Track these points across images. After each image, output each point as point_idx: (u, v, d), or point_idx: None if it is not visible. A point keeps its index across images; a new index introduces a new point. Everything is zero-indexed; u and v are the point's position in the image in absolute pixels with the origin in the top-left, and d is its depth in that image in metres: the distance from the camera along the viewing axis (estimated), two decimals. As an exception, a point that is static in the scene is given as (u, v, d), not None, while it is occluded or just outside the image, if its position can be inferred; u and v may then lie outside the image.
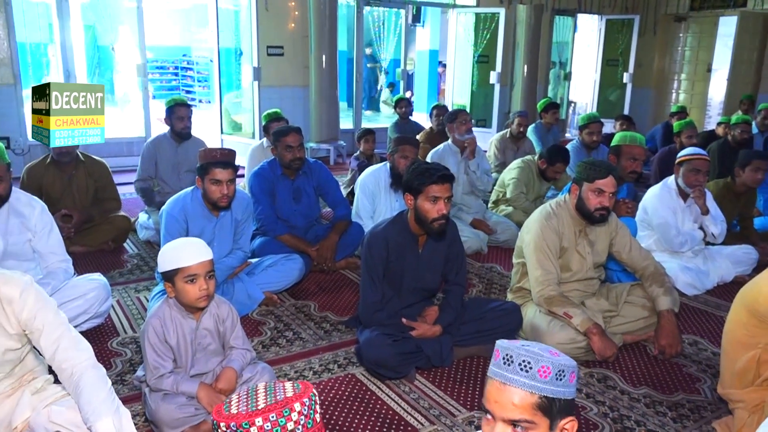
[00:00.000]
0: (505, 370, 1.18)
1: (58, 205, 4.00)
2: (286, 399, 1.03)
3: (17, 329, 1.83)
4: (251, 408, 1.02)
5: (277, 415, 1.00)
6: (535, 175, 4.70)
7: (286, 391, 1.05)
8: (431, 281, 2.78)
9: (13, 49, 6.29)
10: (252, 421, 0.99)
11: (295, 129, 3.79)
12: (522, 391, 1.16)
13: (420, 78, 13.25)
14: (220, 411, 1.04)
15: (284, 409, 1.01)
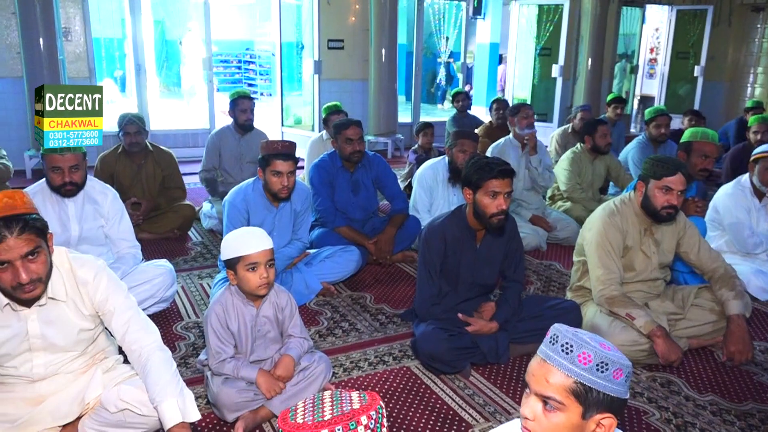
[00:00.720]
0: (548, 348, 1.21)
1: (128, 193, 4.18)
2: (352, 411, 1.02)
3: (91, 310, 1.93)
4: (317, 418, 1.02)
5: (344, 428, 0.99)
6: (586, 160, 4.61)
7: (353, 403, 1.03)
8: (488, 277, 2.76)
9: (89, 44, 6.59)
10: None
11: (356, 122, 3.82)
12: (558, 371, 1.17)
13: (479, 71, 13.10)
14: (285, 419, 1.04)
15: (351, 422, 1.00)
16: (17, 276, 1.66)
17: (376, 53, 7.57)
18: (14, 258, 1.64)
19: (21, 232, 1.63)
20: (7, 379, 1.90)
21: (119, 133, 4.27)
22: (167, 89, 14.08)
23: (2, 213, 1.62)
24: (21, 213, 1.66)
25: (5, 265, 1.64)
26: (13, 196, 1.68)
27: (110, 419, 1.88)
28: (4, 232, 1.61)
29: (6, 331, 1.82)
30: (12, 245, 1.62)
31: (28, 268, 1.67)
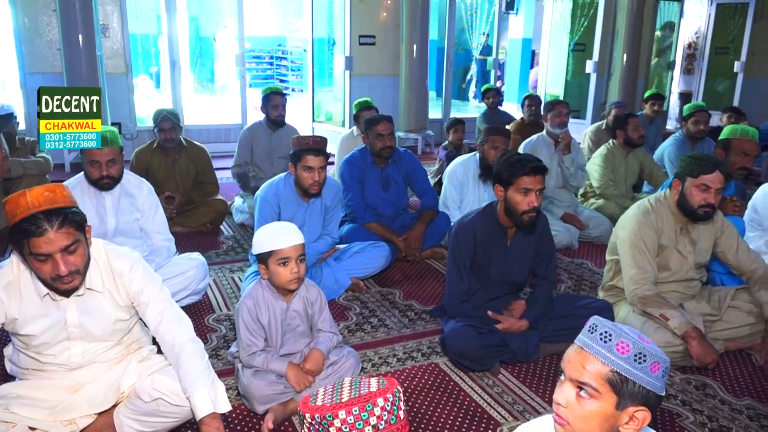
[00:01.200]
0: (586, 336, 1.21)
1: (163, 187, 4.26)
2: (369, 394, 1.04)
3: (126, 301, 1.97)
4: (336, 401, 1.04)
5: (360, 409, 1.01)
6: (620, 156, 4.53)
7: (371, 386, 1.06)
8: (519, 275, 2.73)
9: (126, 41, 6.72)
10: (335, 413, 1.01)
11: (387, 118, 3.82)
12: (595, 359, 1.18)
13: (511, 67, 12.96)
14: (306, 403, 1.07)
15: (367, 403, 1.02)
16: (56, 268, 1.70)
17: (407, 49, 7.55)
18: (54, 251, 1.68)
19: (61, 226, 1.67)
20: (47, 367, 1.95)
21: (154, 129, 4.35)
22: (201, 85, 14.28)
23: (43, 207, 1.66)
24: (61, 207, 1.70)
25: (45, 258, 1.69)
26: (53, 189, 1.71)
27: (144, 408, 1.92)
28: (45, 226, 1.65)
29: (46, 320, 1.87)
30: (52, 238, 1.66)
31: (67, 260, 1.71)
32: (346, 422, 1.00)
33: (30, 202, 1.65)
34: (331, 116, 8.45)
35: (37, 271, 1.73)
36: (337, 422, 1.00)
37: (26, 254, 1.70)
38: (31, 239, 1.65)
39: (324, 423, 1.00)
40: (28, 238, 1.65)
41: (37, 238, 1.65)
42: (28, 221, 1.64)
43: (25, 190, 1.68)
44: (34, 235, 1.65)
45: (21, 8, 6.18)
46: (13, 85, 6.69)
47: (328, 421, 1.00)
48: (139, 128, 6.92)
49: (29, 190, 1.67)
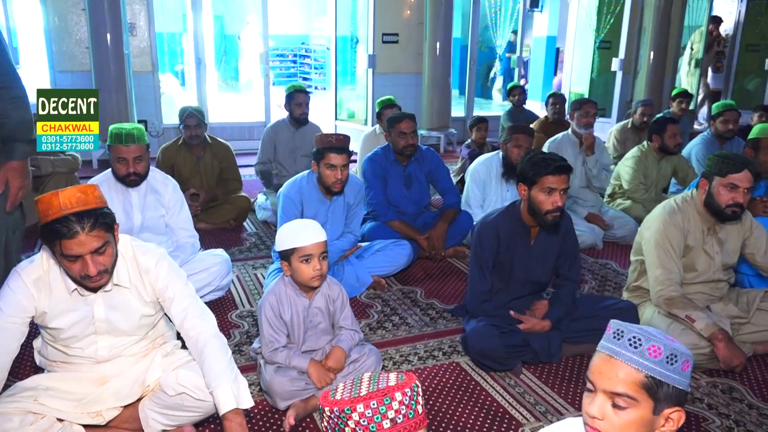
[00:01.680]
0: (613, 344, 1.17)
1: (188, 183, 4.31)
2: (388, 388, 1.05)
3: (152, 297, 2.00)
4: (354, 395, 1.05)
5: (378, 402, 1.02)
6: (653, 160, 4.43)
7: (389, 381, 1.07)
8: (542, 275, 2.71)
9: (152, 39, 6.81)
10: (354, 407, 1.02)
11: (409, 115, 3.81)
12: (629, 366, 1.14)
13: (536, 65, 12.84)
14: (326, 397, 1.08)
15: (385, 397, 1.02)
16: (86, 268, 1.73)
17: (430, 47, 7.53)
18: (84, 252, 1.70)
19: (92, 229, 1.69)
20: (74, 360, 1.99)
21: (180, 126, 4.40)
22: (225, 83, 14.41)
23: (75, 208, 1.67)
24: (92, 208, 1.71)
25: (76, 258, 1.72)
26: (85, 191, 1.73)
27: (169, 402, 1.95)
28: (76, 228, 1.66)
29: (74, 315, 1.91)
30: (83, 241, 1.68)
31: (96, 261, 1.73)
32: (364, 415, 1.01)
33: (62, 203, 1.66)
34: (353, 114, 8.47)
35: (67, 269, 1.76)
36: (355, 415, 1.01)
37: (57, 253, 1.73)
38: (62, 241, 1.67)
39: (342, 416, 1.01)
40: (60, 240, 1.67)
41: (68, 240, 1.67)
42: (60, 222, 1.66)
43: (58, 190, 1.69)
44: (65, 237, 1.66)
45: (51, 7, 6.30)
46: (44, 83, 6.83)
47: (346, 414, 1.01)
48: (164, 125, 7.01)
49: (62, 191, 1.68)
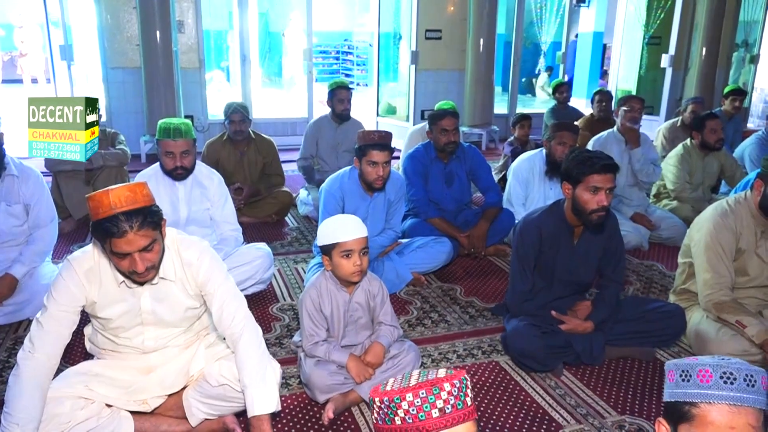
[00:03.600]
0: (730, 390, 1.05)
1: (232, 178, 4.39)
2: (437, 378, 1.06)
3: (195, 290, 2.03)
4: (404, 386, 1.06)
5: (427, 392, 1.03)
6: (696, 157, 4.30)
7: (438, 373, 1.08)
8: (585, 275, 2.66)
9: (200, 36, 6.96)
10: (403, 396, 1.03)
11: (451, 113, 3.79)
12: (754, 410, 1.04)
13: (581, 62, 12.59)
14: (376, 389, 1.09)
15: (434, 387, 1.04)
16: (134, 265, 1.76)
17: (473, 43, 7.47)
18: (133, 250, 1.74)
19: (140, 228, 1.71)
20: (122, 349, 2.05)
21: (225, 122, 4.48)
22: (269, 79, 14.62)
23: (125, 207, 1.70)
24: (141, 207, 1.73)
25: (124, 256, 1.76)
26: (134, 189, 1.75)
27: (211, 392, 1.99)
28: (125, 227, 1.69)
29: (122, 306, 1.96)
30: (131, 240, 1.71)
31: (144, 258, 1.77)
32: (413, 404, 1.02)
33: (112, 202, 1.69)
34: (395, 111, 8.47)
35: (116, 264, 1.80)
36: (404, 404, 1.02)
37: (107, 250, 1.77)
38: (112, 239, 1.70)
39: (392, 405, 1.03)
40: (110, 238, 1.71)
41: (118, 239, 1.70)
42: (109, 221, 1.68)
43: (108, 189, 1.71)
44: (115, 236, 1.70)
45: (104, 6, 6.50)
46: (96, 79, 7.05)
47: (395, 403, 1.03)
48: (210, 121, 7.15)
49: (111, 190, 1.71)
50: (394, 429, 1.04)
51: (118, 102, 6.80)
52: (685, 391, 1.08)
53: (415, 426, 1.03)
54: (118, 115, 6.79)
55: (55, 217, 3.08)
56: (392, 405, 1.04)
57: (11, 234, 2.96)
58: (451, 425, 1.02)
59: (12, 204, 2.94)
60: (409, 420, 1.03)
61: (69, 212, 4.30)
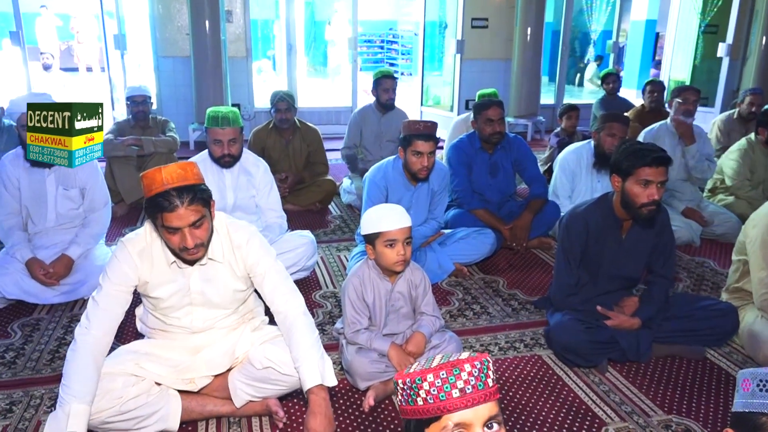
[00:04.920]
0: None
1: (277, 166, 4.45)
2: (458, 360, 1.07)
3: (243, 273, 2.08)
4: (426, 367, 1.08)
5: (447, 372, 1.05)
6: (760, 154, 4.11)
7: (460, 356, 1.09)
8: (633, 270, 2.60)
9: (247, 26, 7.05)
10: (424, 377, 1.05)
11: (497, 102, 3.74)
12: None
13: (632, 51, 12.23)
14: (400, 372, 1.11)
15: (455, 368, 1.05)
16: (184, 241, 1.83)
17: (521, 32, 7.34)
18: (183, 225, 1.81)
19: (190, 203, 1.79)
20: (171, 329, 2.11)
21: (271, 110, 4.54)
22: (314, 68, 14.73)
23: (176, 183, 1.78)
24: (191, 184, 1.81)
25: (175, 231, 1.82)
26: (185, 167, 1.83)
27: (256, 374, 2.03)
28: (176, 202, 1.77)
29: (172, 286, 2.02)
30: (182, 214, 1.79)
31: (194, 234, 1.84)
32: (433, 384, 1.04)
33: (165, 178, 1.78)
34: (439, 100, 8.42)
35: (167, 241, 1.88)
36: (425, 385, 1.04)
37: (159, 226, 1.84)
38: (164, 213, 1.78)
39: (414, 386, 1.05)
40: (162, 212, 1.79)
41: (169, 213, 1.78)
42: (162, 196, 1.77)
43: (161, 167, 1.80)
44: (166, 210, 1.78)
45: (156, -4, 6.65)
46: (148, 67, 7.24)
47: (417, 384, 1.05)
48: (256, 109, 7.26)
49: (164, 167, 1.80)
50: (417, 410, 1.05)
51: (168, 90, 6.96)
52: (763, 401, 1.03)
53: (436, 406, 1.04)
54: (168, 103, 6.95)
55: (108, 201, 3.19)
56: (414, 386, 1.06)
57: (68, 217, 3.08)
58: (472, 405, 1.03)
59: (69, 188, 3.05)
60: (430, 400, 1.04)
61: (122, 196, 4.44)
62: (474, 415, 1.03)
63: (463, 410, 1.02)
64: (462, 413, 1.02)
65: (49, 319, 2.87)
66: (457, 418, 1.02)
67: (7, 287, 2.84)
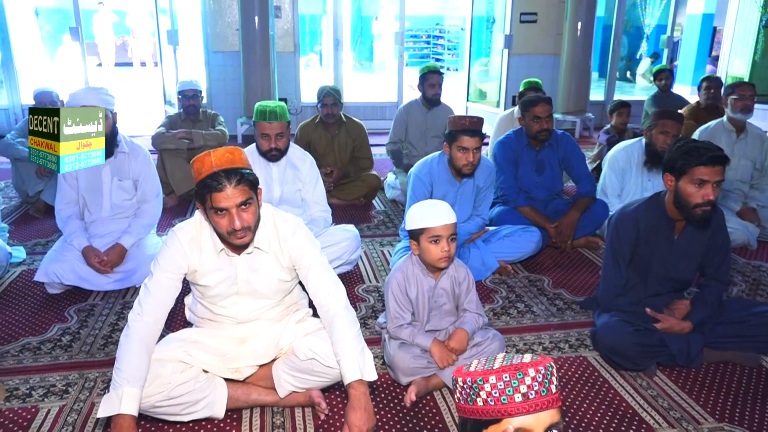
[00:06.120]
0: None
1: (322, 160, 4.49)
2: (521, 363, 1.05)
3: (288, 264, 2.12)
4: (487, 368, 1.06)
5: (511, 376, 1.02)
6: None
7: (524, 358, 1.07)
8: (685, 272, 2.51)
9: (295, 21, 7.13)
10: (486, 378, 1.03)
11: (546, 99, 3.68)
12: None
13: (688, 46, 11.82)
14: (460, 369, 1.10)
15: (518, 371, 1.03)
16: (232, 222, 1.88)
17: (571, 26, 7.19)
18: (230, 206, 1.86)
19: (238, 184, 1.85)
20: (219, 318, 2.16)
21: (317, 105, 4.58)
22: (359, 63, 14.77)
23: (224, 166, 1.85)
24: (238, 167, 1.87)
25: (223, 212, 1.87)
26: (233, 152, 1.90)
27: (300, 366, 2.06)
28: (224, 183, 1.84)
29: (220, 274, 2.07)
30: (230, 194, 1.84)
31: (241, 216, 1.89)
32: (495, 387, 1.02)
33: (214, 161, 1.85)
34: (485, 96, 8.33)
35: (216, 225, 1.92)
36: (487, 386, 1.02)
37: (208, 208, 1.90)
38: (212, 194, 1.85)
39: (475, 387, 1.03)
40: (211, 193, 1.85)
41: (217, 193, 1.84)
42: (211, 178, 1.84)
43: (210, 151, 1.88)
44: (215, 190, 1.84)
45: (207, -8, 6.79)
46: (199, 62, 7.40)
47: (478, 385, 1.03)
48: (303, 104, 7.33)
49: (213, 151, 1.88)
50: (476, 410, 1.04)
51: (218, 84, 7.11)
52: None
53: (496, 409, 1.02)
54: (218, 97, 7.10)
55: (160, 193, 3.28)
56: (474, 386, 1.04)
57: (122, 207, 3.18)
58: (534, 411, 1.01)
59: (123, 179, 3.16)
60: (491, 402, 1.02)
61: (172, 188, 4.56)
62: (535, 421, 1.01)
63: (524, 415, 1.01)
64: (523, 418, 1.01)
65: (103, 305, 2.98)
66: (517, 422, 1.01)
67: (64, 273, 2.96)
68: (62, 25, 11.47)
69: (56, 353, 2.54)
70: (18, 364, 2.46)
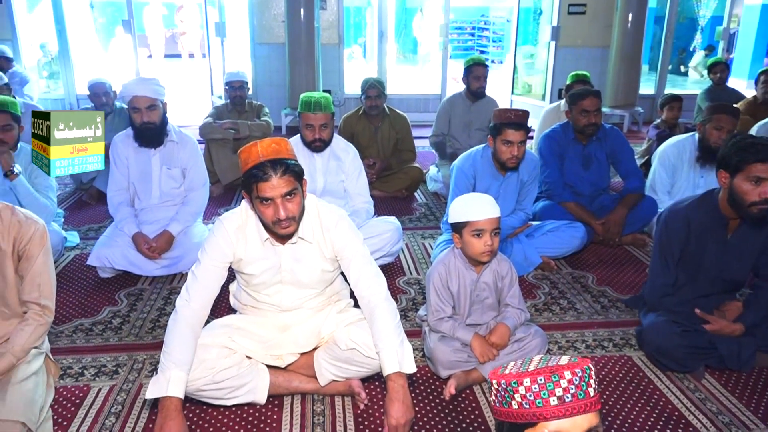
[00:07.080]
0: None
1: (365, 152, 4.50)
2: (557, 366, 1.02)
3: (331, 254, 2.13)
4: (522, 370, 1.04)
5: (546, 378, 1.00)
6: None
7: (560, 360, 1.04)
8: (738, 273, 2.43)
9: (340, 13, 7.15)
10: (520, 380, 1.01)
11: (594, 92, 3.59)
12: None
13: (745, 38, 11.36)
14: (495, 371, 1.08)
15: (553, 374, 1.00)
16: (277, 213, 1.90)
17: (621, 18, 7.00)
18: (276, 196, 1.88)
19: (283, 174, 1.86)
20: (262, 306, 2.20)
21: (361, 96, 4.59)
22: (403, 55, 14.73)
23: (270, 156, 1.86)
24: (284, 158, 1.89)
25: (268, 202, 1.89)
26: (279, 142, 1.92)
27: (340, 355, 2.08)
28: (270, 173, 1.85)
29: (265, 263, 2.10)
30: (275, 184, 1.86)
31: (286, 206, 1.90)
32: (530, 390, 1.00)
33: (260, 152, 1.87)
34: (530, 89, 8.20)
35: (261, 214, 1.95)
36: (521, 389, 1.01)
37: (254, 198, 1.92)
38: (259, 183, 1.87)
39: (509, 389, 1.02)
40: (257, 183, 1.87)
41: (263, 182, 1.86)
42: (257, 168, 1.86)
43: (257, 141, 1.90)
44: (261, 180, 1.86)
45: (255, -16, 6.88)
46: (245, 54, 7.51)
47: (513, 387, 1.02)
48: (346, 96, 7.36)
49: (260, 142, 1.90)
50: (511, 413, 1.03)
51: (263, 76, 7.20)
52: None
53: (531, 412, 1.01)
54: (263, 88, 7.19)
55: (206, 182, 3.35)
56: (509, 389, 1.02)
57: (170, 195, 3.26)
58: (570, 414, 0.99)
59: (172, 167, 3.23)
60: (526, 405, 1.01)
61: (218, 177, 4.65)
62: (572, 424, 0.99)
63: (560, 419, 0.99)
64: (559, 422, 0.99)
65: (151, 290, 3.07)
66: (554, 426, 1.00)
67: (115, 258, 3.06)
68: (115, 17, 11.81)
69: (107, 335, 2.64)
70: (71, 344, 2.56)
